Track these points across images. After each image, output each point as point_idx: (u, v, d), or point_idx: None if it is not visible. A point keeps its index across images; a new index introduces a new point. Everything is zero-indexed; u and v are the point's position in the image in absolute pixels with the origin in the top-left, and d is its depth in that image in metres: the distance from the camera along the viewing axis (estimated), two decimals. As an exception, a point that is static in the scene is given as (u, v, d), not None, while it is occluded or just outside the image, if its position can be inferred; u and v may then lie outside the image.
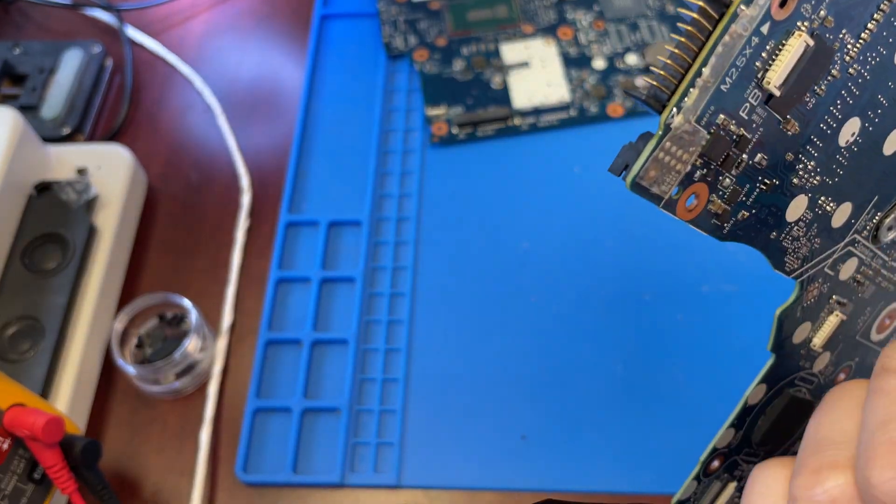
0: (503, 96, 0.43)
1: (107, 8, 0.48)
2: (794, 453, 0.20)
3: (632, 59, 0.44)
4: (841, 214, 0.21)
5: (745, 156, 0.19)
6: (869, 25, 0.19)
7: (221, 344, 0.36)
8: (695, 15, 0.17)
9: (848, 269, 0.23)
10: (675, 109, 0.17)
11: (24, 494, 0.27)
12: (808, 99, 0.19)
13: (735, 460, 0.23)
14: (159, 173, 0.42)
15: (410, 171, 0.41)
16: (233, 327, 0.37)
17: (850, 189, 0.21)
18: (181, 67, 0.46)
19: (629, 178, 0.17)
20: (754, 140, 0.18)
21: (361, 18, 0.47)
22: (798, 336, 0.22)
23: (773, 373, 0.22)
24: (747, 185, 0.19)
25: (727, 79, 0.17)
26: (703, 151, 0.18)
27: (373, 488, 0.33)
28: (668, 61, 0.17)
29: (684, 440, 0.33)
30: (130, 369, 0.34)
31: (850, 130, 0.20)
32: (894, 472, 0.16)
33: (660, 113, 0.17)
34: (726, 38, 0.17)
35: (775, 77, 0.18)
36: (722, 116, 0.18)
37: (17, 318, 0.34)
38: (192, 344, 0.35)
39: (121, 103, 0.45)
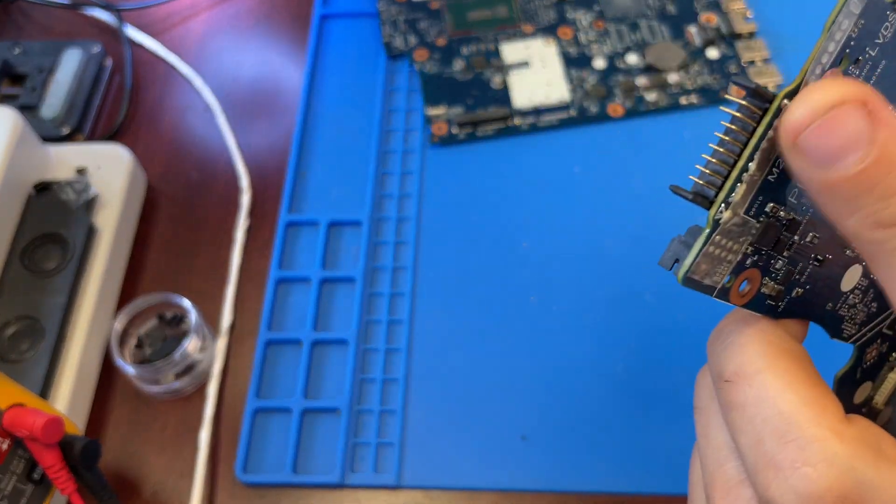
0: (503, 96, 0.43)
1: (106, 8, 0.48)
2: None
3: (632, 59, 0.44)
4: None
5: (796, 237, 0.18)
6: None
7: (221, 344, 0.36)
8: (736, 113, 0.16)
9: None
10: (723, 205, 0.17)
11: (23, 495, 0.27)
12: None
13: None
14: (159, 173, 0.42)
15: (410, 171, 0.41)
16: (233, 327, 0.37)
17: None
18: (181, 67, 0.46)
19: (681, 274, 0.17)
20: (805, 221, 0.18)
21: (361, 18, 0.47)
22: (858, 396, 0.22)
23: None
24: (800, 264, 0.19)
25: (774, 169, 0.17)
26: (755, 241, 0.18)
27: (373, 488, 0.33)
28: (712, 158, 0.17)
29: (684, 440, 0.33)
30: (130, 369, 0.34)
31: None
32: (788, 486, 0.17)
33: (708, 209, 0.17)
34: (771, 132, 0.16)
35: None
36: (771, 205, 0.18)
37: (17, 318, 0.34)
38: (191, 344, 0.35)
39: (120, 103, 0.45)
